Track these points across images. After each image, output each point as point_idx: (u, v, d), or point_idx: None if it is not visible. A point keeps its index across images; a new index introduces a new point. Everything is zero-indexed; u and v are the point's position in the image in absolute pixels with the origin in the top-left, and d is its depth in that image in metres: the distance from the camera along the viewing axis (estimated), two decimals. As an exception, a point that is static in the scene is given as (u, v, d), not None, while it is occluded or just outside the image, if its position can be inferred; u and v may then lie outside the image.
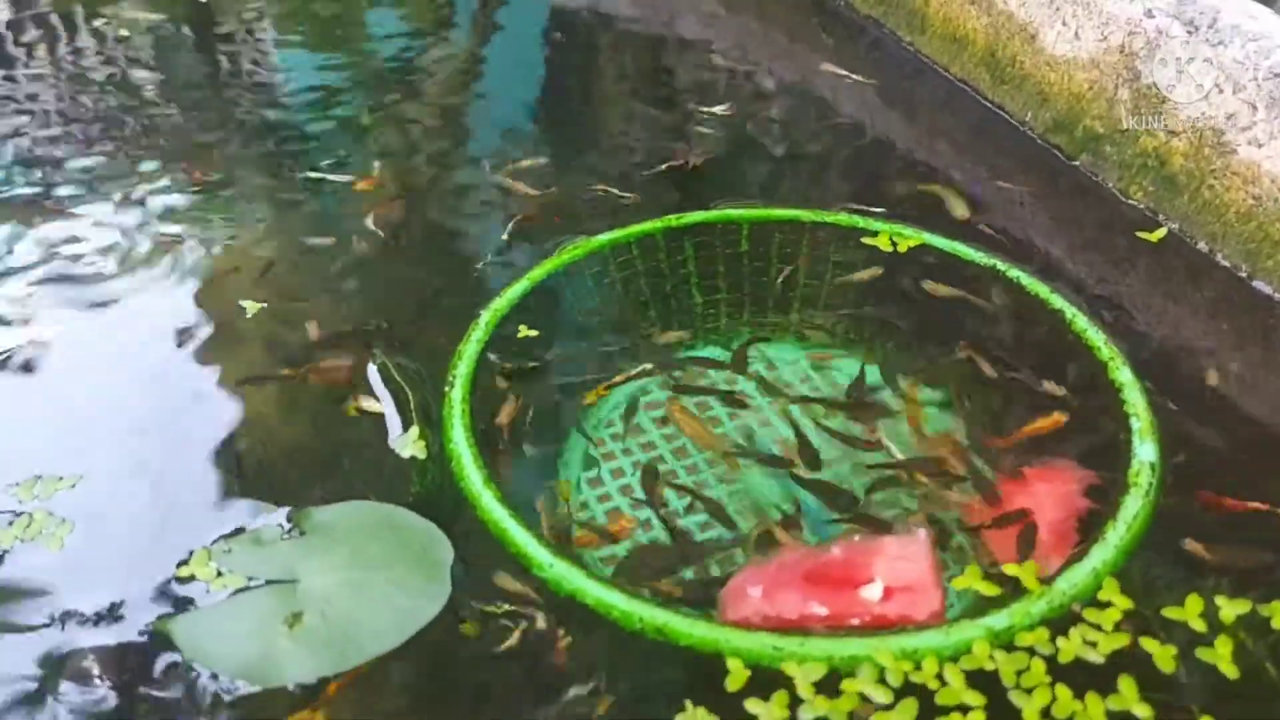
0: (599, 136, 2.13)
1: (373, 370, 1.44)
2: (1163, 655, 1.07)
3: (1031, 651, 1.07)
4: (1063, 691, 1.03)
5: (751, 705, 1.03)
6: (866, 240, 1.68)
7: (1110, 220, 1.78)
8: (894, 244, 1.67)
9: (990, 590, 1.13)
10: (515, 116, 2.19)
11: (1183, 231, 1.73)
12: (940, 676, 1.04)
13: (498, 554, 1.19)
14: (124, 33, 2.49)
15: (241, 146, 2.05)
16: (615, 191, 1.85)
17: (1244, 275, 1.63)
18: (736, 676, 1.05)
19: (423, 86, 2.28)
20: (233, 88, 2.29)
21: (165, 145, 2.04)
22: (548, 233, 1.74)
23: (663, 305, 1.61)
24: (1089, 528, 1.19)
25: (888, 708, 1.02)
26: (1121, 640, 1.08)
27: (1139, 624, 1.10)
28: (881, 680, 1.04)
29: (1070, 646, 1.06)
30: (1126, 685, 1.04)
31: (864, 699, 1.03)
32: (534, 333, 1.51)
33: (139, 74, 2.32)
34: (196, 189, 1.89)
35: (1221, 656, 1.07)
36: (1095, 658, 1.06)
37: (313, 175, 1.92)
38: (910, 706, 1.02)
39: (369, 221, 1.78)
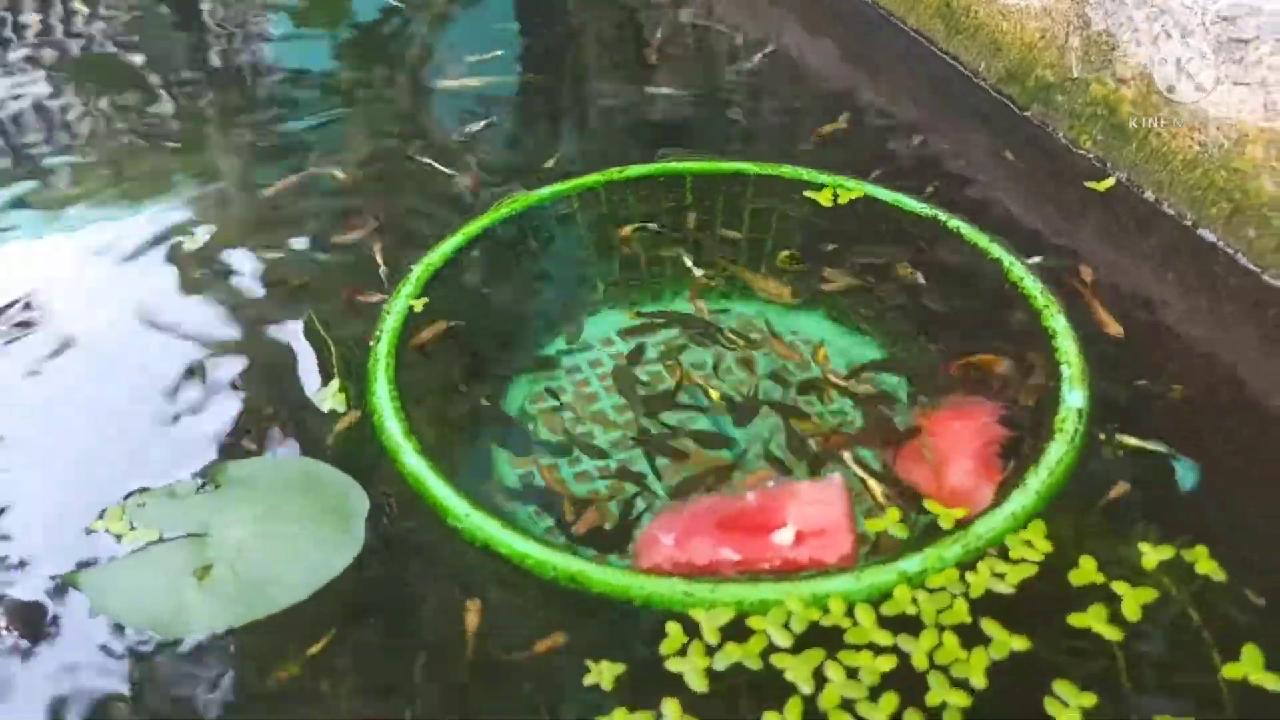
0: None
1: (298, 327, 1.42)
2: (1085, 579, 1.06)
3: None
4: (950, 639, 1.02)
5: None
6: (810, 194, 1.65)
7: (1060, 170, 1.76)
8: (835, 197, 1.64)
9: (902, 532, 1.12)
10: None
11: (1130, 181, 1.70)
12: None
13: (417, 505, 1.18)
14: None
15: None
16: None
17: (1189, 223, 1.61)
18: (673, 640, 1.03)
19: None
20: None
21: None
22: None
23: (606, 259, 1.59)
24: (1010, 454, 1.19)
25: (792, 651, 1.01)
26: (1030, 571, 1.07)
27: (1060, 565, 1.09)
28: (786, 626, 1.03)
29: (980, 580, 1.05)
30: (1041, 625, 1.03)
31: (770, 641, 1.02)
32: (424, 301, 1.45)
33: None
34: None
35: (1140, 601, 1.06)
36: (1005, 589, 1.06)
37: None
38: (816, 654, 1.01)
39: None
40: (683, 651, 1.01)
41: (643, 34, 2.30)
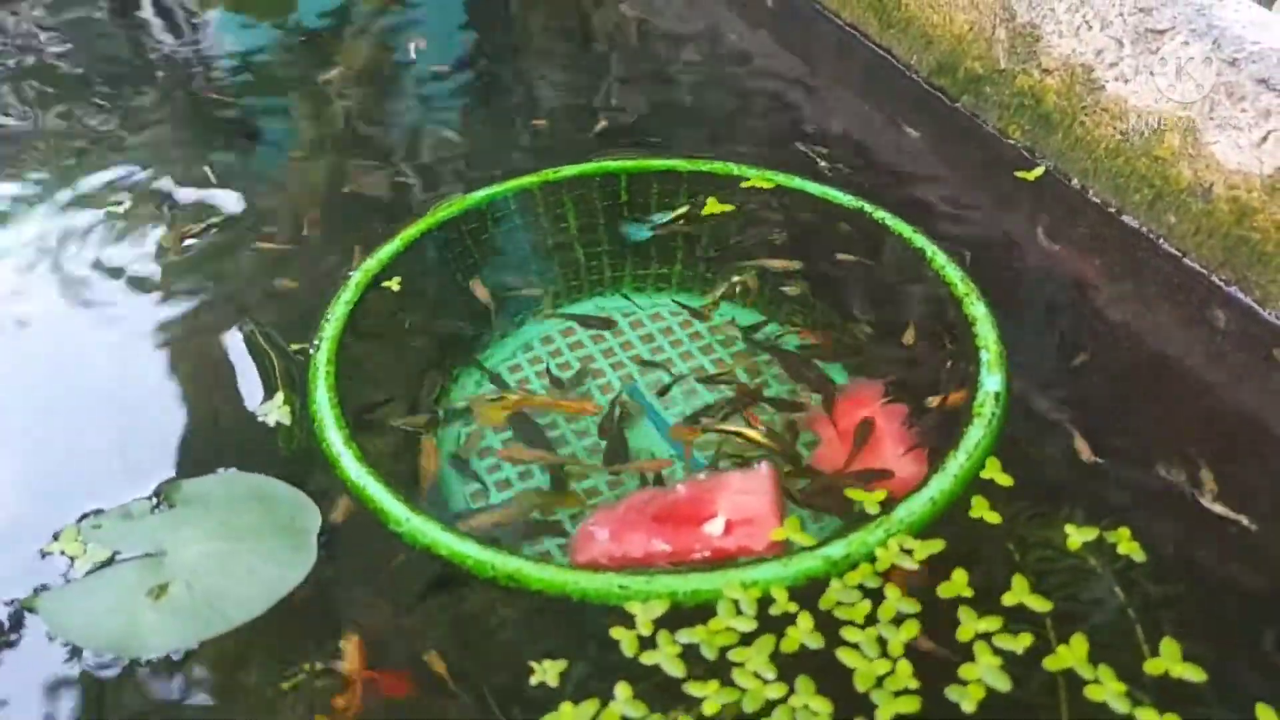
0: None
1: (238, 339, 1.45)
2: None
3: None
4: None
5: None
6: (743, 185, 1.70)
7: (990, 160, 1.81)
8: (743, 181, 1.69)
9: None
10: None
11: (1057, 169, 1.75)
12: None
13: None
14: None
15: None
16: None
17: (1113, 210, 1.66)
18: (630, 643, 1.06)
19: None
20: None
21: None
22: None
23: (544, 260, 1.63)
24: (921, 431, 1.26)
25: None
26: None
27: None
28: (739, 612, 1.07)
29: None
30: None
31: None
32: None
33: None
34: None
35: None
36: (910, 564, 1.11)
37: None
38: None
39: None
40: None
41: (587, 29, 2.32)
